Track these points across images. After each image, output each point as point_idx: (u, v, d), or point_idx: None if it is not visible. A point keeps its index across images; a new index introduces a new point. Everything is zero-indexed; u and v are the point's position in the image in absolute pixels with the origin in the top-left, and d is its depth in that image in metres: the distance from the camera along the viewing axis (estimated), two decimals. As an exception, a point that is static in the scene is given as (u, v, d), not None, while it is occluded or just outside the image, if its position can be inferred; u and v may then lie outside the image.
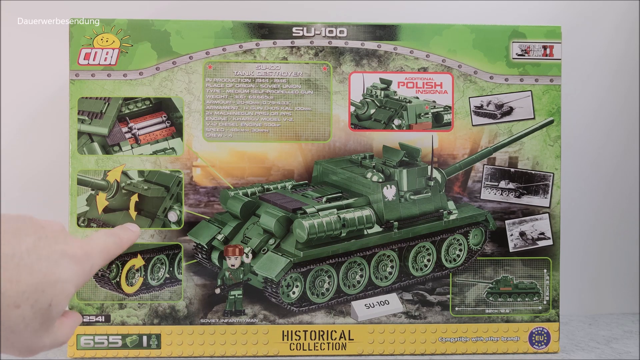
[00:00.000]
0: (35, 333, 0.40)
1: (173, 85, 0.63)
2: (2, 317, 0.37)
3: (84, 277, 0.44)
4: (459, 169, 0.66)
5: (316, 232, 0.62)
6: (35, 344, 0.41)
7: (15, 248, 0.39)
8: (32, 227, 0.41)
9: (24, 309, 0.38)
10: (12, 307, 0.38)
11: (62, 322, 0.43)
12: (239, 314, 0.64)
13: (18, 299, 0.38)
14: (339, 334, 0.65)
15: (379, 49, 0.65)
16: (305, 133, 0.64)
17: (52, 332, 0.42)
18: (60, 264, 0.41)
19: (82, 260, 0.44)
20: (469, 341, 0.65)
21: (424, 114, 0.65)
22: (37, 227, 0.42)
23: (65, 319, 0.44)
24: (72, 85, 0.63)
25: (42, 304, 0.39)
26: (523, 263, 0.66)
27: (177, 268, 0.64)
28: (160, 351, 0.63)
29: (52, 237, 0.42)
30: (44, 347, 0.42)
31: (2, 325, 0.38)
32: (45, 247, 0.41)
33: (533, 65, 0.65)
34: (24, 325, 0.39)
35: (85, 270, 0.44)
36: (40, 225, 0.42)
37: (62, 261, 0.41)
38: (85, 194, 0.63)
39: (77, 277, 0.43)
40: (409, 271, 0.67)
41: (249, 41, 0.64)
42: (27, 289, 0.38)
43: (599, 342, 0.70)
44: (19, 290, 0.38)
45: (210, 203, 0.64)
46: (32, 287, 0.38)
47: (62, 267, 0.41)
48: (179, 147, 0.64)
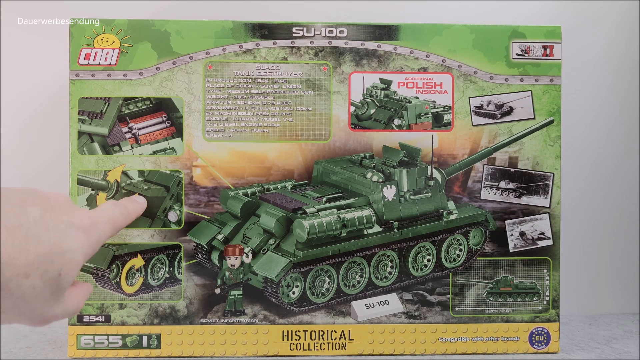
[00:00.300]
0: (46, 302, 0.40)
1: (173, 85, 0.63)
2: (14, 287, 0.38)
3: (92, 247, 0.45)
4: (459, 169, 0.66)
5: (316, 232, 0.62)
6: (46, 313, 0.41)
7: (22, 219, 0.39)
8: (38, 198, 0.42)
9: (33, 279, 0.39)
10: (22, 276, 0.38)
11: (72, 292, 0.44)
12: (239, 314, 0.64)
13: (27, 268, 0.38)
14: (339, 334, 0.65)
15: (379, 49, 0.65)
16: (305, 133, 0.64)
17: (63, 301, 0.42)
18: (68, 234, 0.42)
19: (89, 230, 0.44)
20: (469, 341, 0.65)
21: (424, 114, 0.65)
22: (42, 199, 0.42)
23: (75, 289, 0.45)
24: (72, 85, 0.63)
25: (52, 273, 0.40)
26: (523, 263, 0.66)
27: (177, 268, 0.64)
28: (160, 351, 0.63)
29: (58, 208, 0.42)
30: (55, 317, 0.42)
31: (14, 294, 0.38)
32: (52, 218, 0.41)
33: (533, 65, 0.65)
34: (35, 294, 0.39)
35: (93, 240, 0.45)
36: (45, 197, 0.42)
37: (69, 231, 0.42)
38: (86, 194, 0.63)
39: (84, 247, 0.43)
40: (409, 271, 0.67)
41: (249, 41, 0.64)
42: (36, 258, 0.39)
43: (599, 342, 0.70)
44: (28, 260, 0.38)
45: (210, 203, 0.64)
46: (40, 257, 0.39)
47: (69, 237, 0.42)
48: (179, 147, 0.64)
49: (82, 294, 0.46)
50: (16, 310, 0.39)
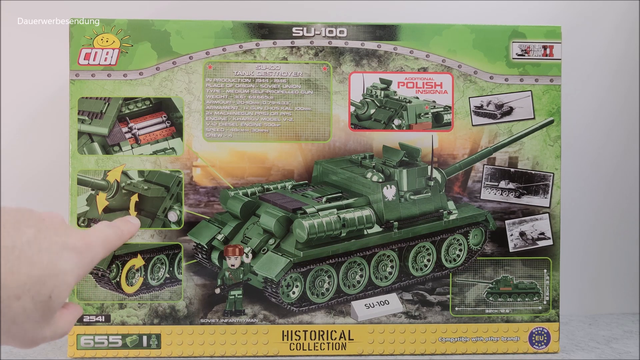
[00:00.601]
0: (36, 324, 0.40)
1: (173, 85, 0.63)
2: (4, 309, 0.38)
3: (85, 268, 0.45)
4: (459, 169, 0.66)
5: (316, 232, 0.62)
6: (36, 335, 0.41)
7: (15, 240, 0.39)
8: (32, 219, 0.41)
9: (24, 301, 0.38)
10: (13, 298, 0.38)
11: (63, 313, 0.44)
12: (239, 314, 0.64)
13: (19, 290, 0.38)
14: (339, 334, 0.65)
15: (379, 49, 0.65)
16: (305, 133, 0.64)
17: (53, 323, 0.42)
18: (61, 256, 0.41)
19: (82, 251, 0.44)
20: (469, 341, 0.65)
21: (424, 114, 0.65)
22: (37, 219, 0.42)
23: (65, 311, 0.44)
24: (72, 85, 0.63)
25: (43, 295, 0.39)
26: (523, 263, 0.66)
27: (177, 268, 0.64)
28: (160, 351, 0.63)
29: (52, 229, 0.42)
30: (44, 339, 0.42)
31: (4, 316, 0.38)
32: (45, 239, 0.41)
33: (533, 65, 0.65)
34: (25, 316, 0.39)
35: (86, 261, 0.45)
36: (40, 218, 0.42)
37: (62, 253, 0.41)
38: (86, 194, 0.63)
39: (77, 268, 0.43)
40: (409, 271, 0.67)
41: (249, 41, 0.64)
42: (28, 280, 0.38)
43: (599, 342, 0.70)
44: (20, 281, 0.38)
45: (210, 203, 0.64)
46: (33, 278, 0.39)
47: (62, 259, 0.41)
48: (179, 147, 0.64)
49: (72, 315, 0.45)
50: (6, 332, 0.39)
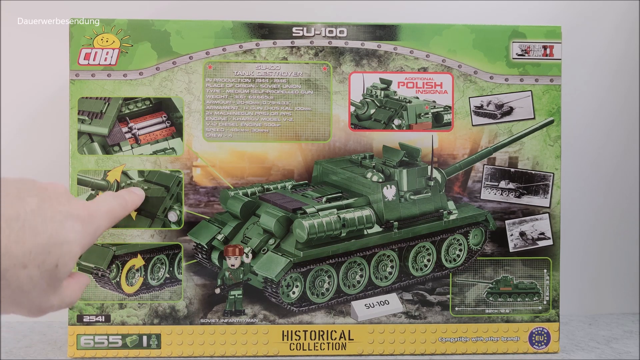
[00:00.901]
0: (43, 293, 0.41)
1: (173, 85, 0.63)
2: (11, 277, 0.38)
3: (89, 238, 0.45)
4: (459, 169, 0.66)
5: (316, 232, 0.62)
6: (43, 304, 0.41)
7: (19, 210, 0.39)
8: (35, 189, 0.41)
9: (31, 269, 0.39)
10: (20, 267, 0.38)
11: (70, 282, 0.44)
12: (239, 314, 0.64)
13: (25, 259, 0.38)
14: (339, 334, 0.65)
15: (379, 49, 0.65)
16: (305, 133, 0.64)
17: (60, 292, 0.42)
18: (65, 225, 0.41)
19: (86, 221, 0.44)
20: (469, 341, 0.65)
21: (424, 114, 0.65)
22: (40, 189, 0.42)
23: (72, 280, 0.45)
24: (72, 85, 0.63)
25: (49, 264, 0.40)
26: (523, 263, 0.66)
27: (177, 268, 0.64)
28: (160, 351, 0.63)
29: (55, 198, 0.42)
30: (52, 307, 0.42)
31: (11, 285, 0.38)
32: (49, 209, 0.41)
33: (533, 65, 0.65)
34: (32, 285, 0.39)
35: (90, 231, 0.45)
36: (42, 187, 0.42)
37: (66, 222, 0.42)
38: (86, 194, 0.63)
39: (82, 237, 0.43)
40: (409, 271, 0.67)
41: (249, 41, 0.64)
42: (33, 249, 0.39)
43: (599, 342, 0.70)
44: (25, 250, 0.38)
45: (210, 203, 0.64)
46: (38, 247, 0.39)
47: (67, 228, 0.41)
48: (179, 147, 0.64)
49: (79, 284, 0.46)
50: (13, 300, 0.39)
